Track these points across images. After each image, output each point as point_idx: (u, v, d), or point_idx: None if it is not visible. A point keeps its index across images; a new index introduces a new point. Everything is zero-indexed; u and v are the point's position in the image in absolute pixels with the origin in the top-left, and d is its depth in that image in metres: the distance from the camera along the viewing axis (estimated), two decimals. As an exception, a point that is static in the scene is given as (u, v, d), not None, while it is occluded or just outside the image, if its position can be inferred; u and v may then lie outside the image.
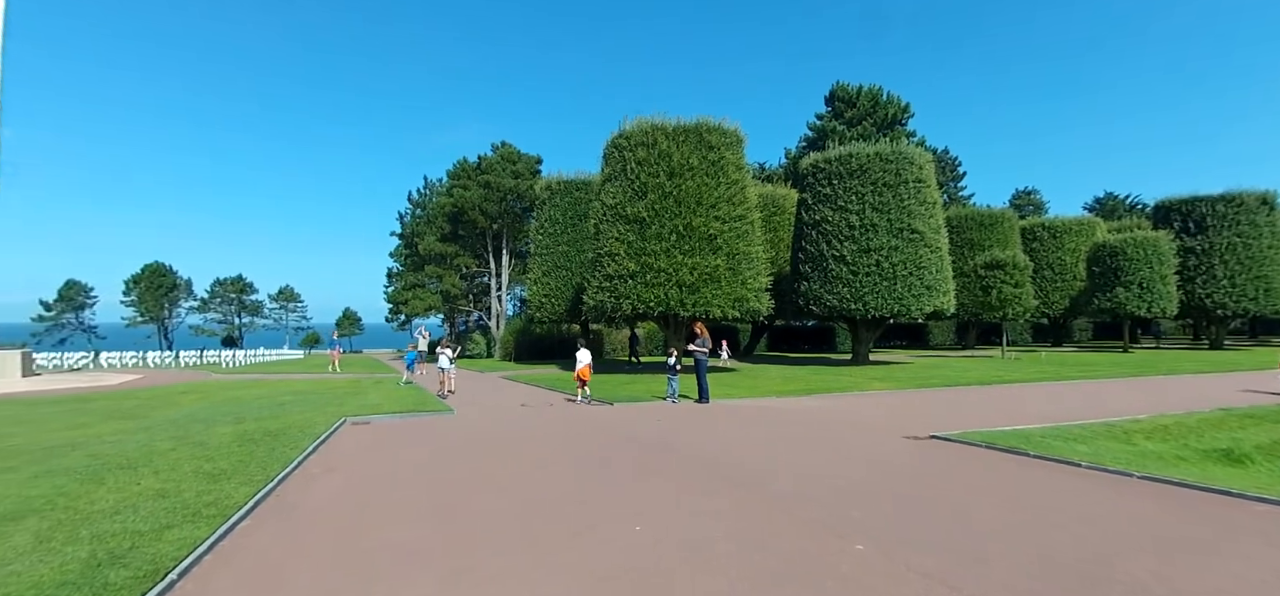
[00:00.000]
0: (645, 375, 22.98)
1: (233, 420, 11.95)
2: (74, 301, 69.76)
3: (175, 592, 4.29)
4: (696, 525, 5.70)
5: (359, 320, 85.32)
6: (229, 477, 7.28)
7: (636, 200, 22.37)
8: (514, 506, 6.42)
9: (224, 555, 5.04)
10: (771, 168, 58.85)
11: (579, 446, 9.86)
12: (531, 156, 47.14)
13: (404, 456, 9.20)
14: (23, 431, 10.92)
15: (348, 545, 5.31)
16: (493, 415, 13.74)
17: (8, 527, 5.42)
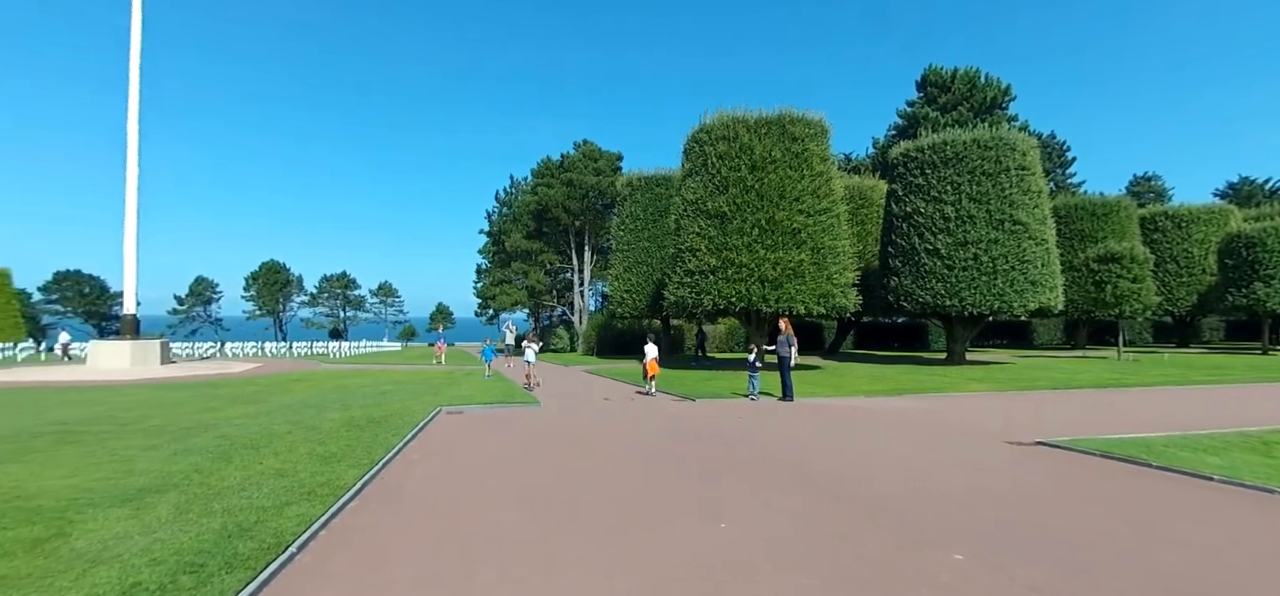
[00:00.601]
0: (726, 372, 22.80)
1: (340, 407, 12.81)
2: (202, 296, 76.97)
3: (295, 565, 4.66)
4: (782, 524, 5.61)
5: (450, 314, 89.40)
6: (339, 460, 7.82)
7: (717, 195, 22.20)
8: (601, 497, 6.54)
9: (337, 532, 5.43)
10: (858, 158, 56.76)
11: (662, 441, 9.91)
12: (612, 153, 47.74)
13: (495, 445, 9.57)
14: (162, 413, 12.15)
15: (447, 527, 5.58)
16: (577, 408, 14.04)
17: (153, 499, 6.05)
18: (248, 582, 4.15)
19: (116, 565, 4.38)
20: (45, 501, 5.91)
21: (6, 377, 20.95)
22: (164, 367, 25.20)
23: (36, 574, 4.22)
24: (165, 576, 4.19)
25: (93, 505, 5.81)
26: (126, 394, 15.73)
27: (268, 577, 4.31)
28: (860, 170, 46.27)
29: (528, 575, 4.51)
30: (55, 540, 4.88)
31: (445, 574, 4.55)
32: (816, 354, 33.96)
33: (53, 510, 5.63)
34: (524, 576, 4.49)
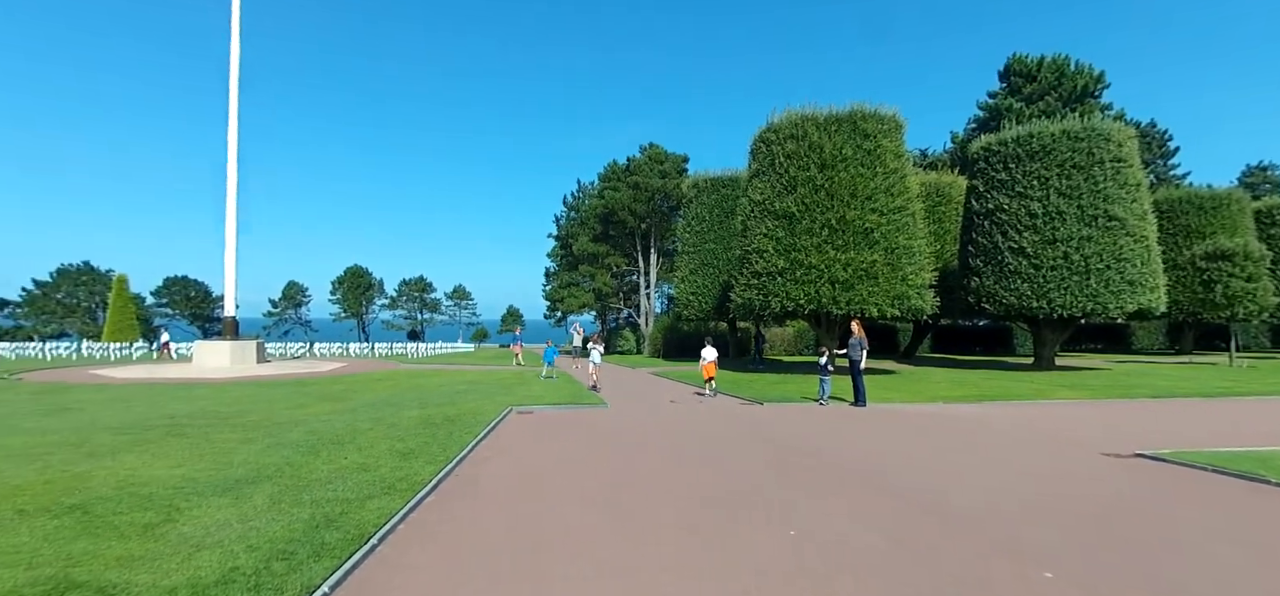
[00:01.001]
0: (795, 375, 22.34)
1: (418, 405, 13.33)
2: (294, 299, 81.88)
3: (376, 556, 4.87)
4: (854, 534, 5.42)
5: (521, 316, 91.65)
6: (417, 456, 8.13)
7: (785, 195, 21.78)
8: (668, 498, 6.52)
9: (415, 525, 5.64)
10: (935, 153, 54.39)
11: (730, 444, 9.80)
12: (678, 155, 47.71)
13: (564, 445, 9.71)
14: (258, 409, 12.99)
15: (518, 524, 5.70)
16: (644, 409, 14.07)
17: (249, 490, 6.46)
18: (333, 571, 4.36)
19: (218, 550, 4.69)
20: (156, 489, 6.41)
21: (123, 375, 22.93)
22: (259, 366, 26.95)
23: (148, 556, 4.58)
24: (260, 562, 4.46)
25: (197, 493, 6.26)
26: (227, 391, 16.91)
27: (351, 567, 4.53)
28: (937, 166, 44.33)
29: (596, 574, 4.54)
30: (165, 525, 5.28)
31: (516, 570, 4.64)
32: (891, 358, 32.78)
33: (163, 497, 6.10)
34: (592, 575, 4.52)
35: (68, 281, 65.92)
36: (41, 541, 4.83)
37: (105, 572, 4.24)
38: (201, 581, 4.12)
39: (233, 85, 27.74)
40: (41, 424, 10.78)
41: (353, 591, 4.24)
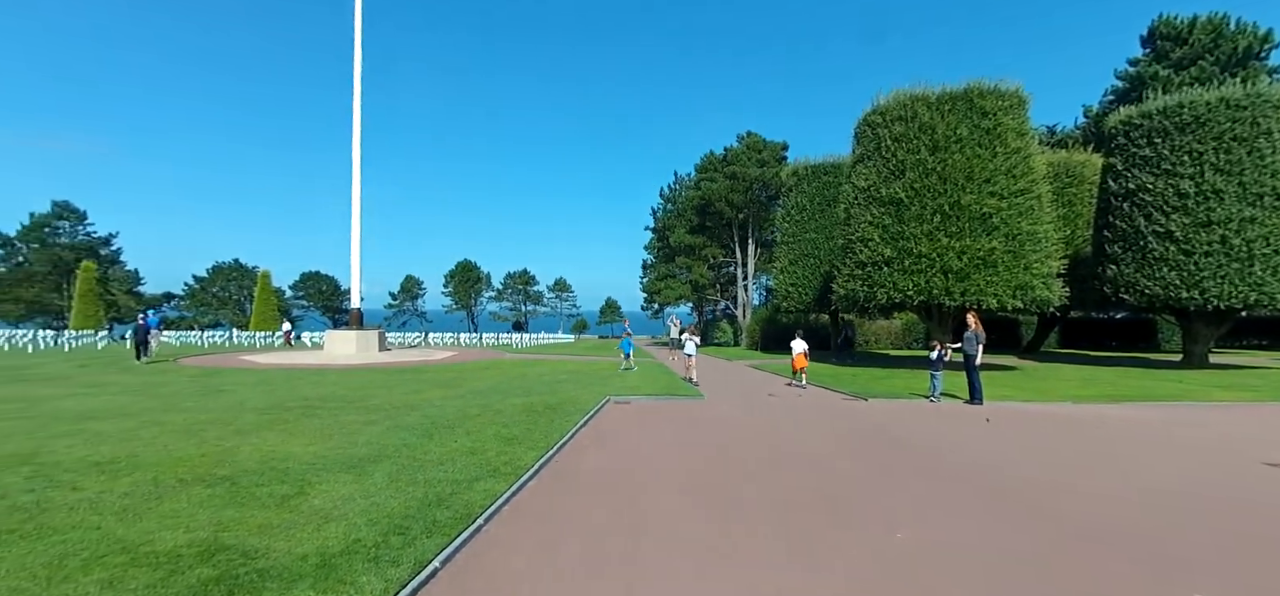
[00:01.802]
0: (903, 369, 21.24)
1: (521, 393, 13.85)
2: (411, 292, 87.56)
3: (482, 535, 5.09)
4: (965, 538, 5.05)
5: (618, 308, 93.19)
6: (520, 442, 8.43)
7: (893, 180, 20.70)
8: (766, 493, 6.37)
9: (518, 507, 5.85)
10: (1066, 130, 49.70)
11: (831, 440, 9.45)
12: (777, 143, 46.58)
13: (661, 435, 9.74)
14: (380, 394, 13.96)
15: (614, 511, 5.77)
16: (741, 402, 13.87)
17: (371, 467, 6.95)
18: (444, 547, 4.60)
19: (343, 522, 5.08)
20: (292, 464, 7.04)
21: (266, 360, 25.42)
22: (381, 354, 29.03)
23: (284, 525, 5.02)
24: (379, 535, 4.77)
25: (326, 470, 6.81)
26: (352, 376, 18.33)
27: (460, 544, 4.76)
28: (1068, 144, 40.44)
29: (692, 564, 4.50)
30: (298, 498, 5.78)
31: (613, 554, 4.69)
32: (1011, 353, 30.45)
33: (297, 472, 6.68)
34: (688, 565, 4.49)
35: (221, 277, 74.05)
36: (197, 508, 5.43)
37: (248, 539, 4.69)
38: (328, 551, 4.47)
39: (356, 96, 29.94)
40: (199, 403, 12.14)
41: (460, 567, 4.44)
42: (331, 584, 3.94)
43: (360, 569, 4.16)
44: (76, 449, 7.75)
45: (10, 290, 61.86)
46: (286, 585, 3.90)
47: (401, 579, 4.05)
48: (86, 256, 59.70)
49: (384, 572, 4.12)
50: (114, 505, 5.46)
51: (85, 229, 65.99)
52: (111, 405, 11.68)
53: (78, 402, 12.00)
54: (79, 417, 10.16)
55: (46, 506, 5.41)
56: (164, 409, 11.22)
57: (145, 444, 8.09)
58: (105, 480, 6.28)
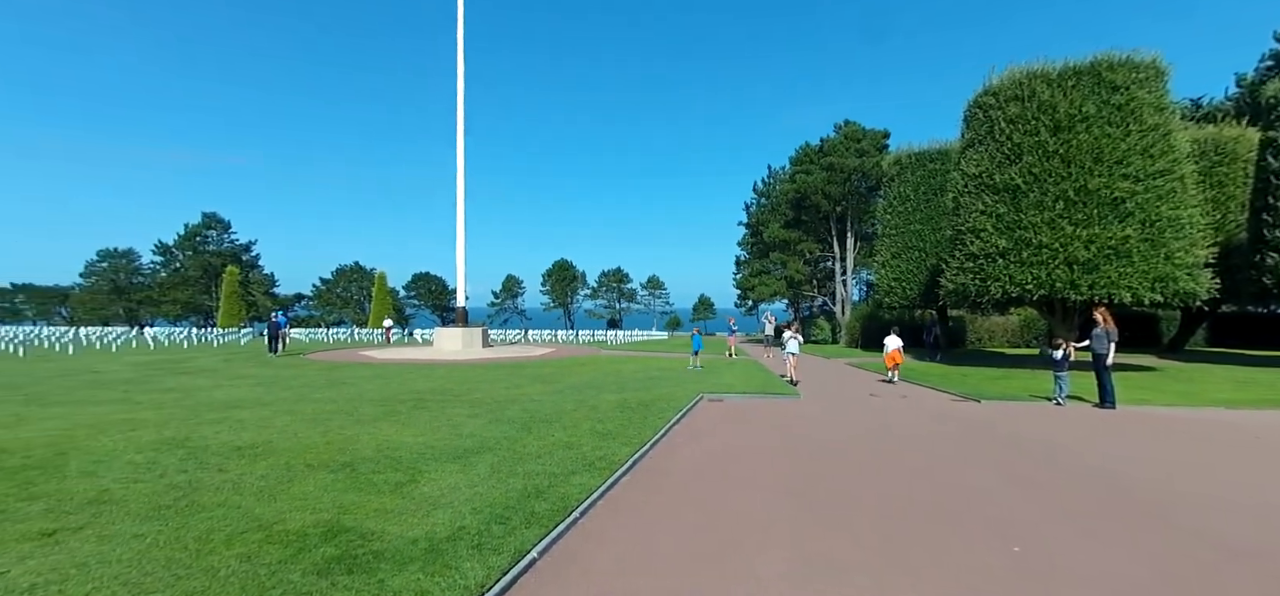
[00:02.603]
0: (1021, 369, 19.72)
1: (616, 390, 14.05)
2: (511, 291, 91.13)
3: (578, 527, 5.19)
4: (1095, 557, 4.59)
5: (711, 305, 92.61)
6: (614, 438, 8.55)
7: (1007, 165, 19.24)
8: (867, 499, 6.09)
9: (612, 502, 5.92)
10: (1214, 102, 44.24)
11: (938, 444, 8.92)
12: (877, 131, 44.50)
13: (756, 434, 9.56)
14: (483, 388, 14.61)
15: (708, 509, 5.72)
16: (839, 402, 13.38)
17: (475, 459, 7.27)
18: (542, 537, 4.73)
19: (449, 510, 5.34)
20: (404, 453, 7.49)
21: (382, 356, 27.26)
22: (484, 350, 30.38)
23: (397, 510, 5.34)
24: (482, 524, 4.98)
25: (435, 459, 7.19)
26: (458, 371, 19.30)
27: (557, 535, 4.88)
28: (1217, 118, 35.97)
29: (789, 569, 4.37)
30: (410, 485, 6.13)
31: (706, 552, 4.64)
32: (1150, 351, 27.55)
33: (409, 461, 7.10)
34: (785, 569, 4.36)
35: (344, 278, 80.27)
36: (321, 491, 5.88)
37: (366, 521, 5.03)
38: (436, 536, 4.71)
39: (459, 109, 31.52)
40: (325, 395, 13.19)
41: (557, 557, 4.55)
42: (438, 568, 4.14)
43: (464, 555, 4.36)
44: (222, 434, 8.62)
45: (169, 292, 70.10)
46: (398, 567, 4.15)
47: (502, 567, 4.20)
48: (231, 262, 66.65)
49: (486, 560, 4.28)
50: (252, 486, 6.02)
51: (230, 237, 73.59)
52: (251, 395, 12.92)
53: (223, 393, 13.36)
54: (225, 406, 11.31)
55: (197, 486, 6.05)
56: (295, 400, 12.28)
57: (279, 431, 8.88)
58: (245, 463, 6.94)
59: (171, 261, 72.32)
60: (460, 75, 31.59)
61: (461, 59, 31.61)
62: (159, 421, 9.63)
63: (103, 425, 9.23)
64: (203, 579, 3.94)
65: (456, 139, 31.67)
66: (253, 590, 3.79)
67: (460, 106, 31.64)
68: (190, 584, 3.87)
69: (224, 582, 3.89)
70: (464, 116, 31.77)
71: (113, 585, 3.85)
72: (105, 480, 6.22)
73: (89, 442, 8.00)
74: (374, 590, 3.82)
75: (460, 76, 31.60)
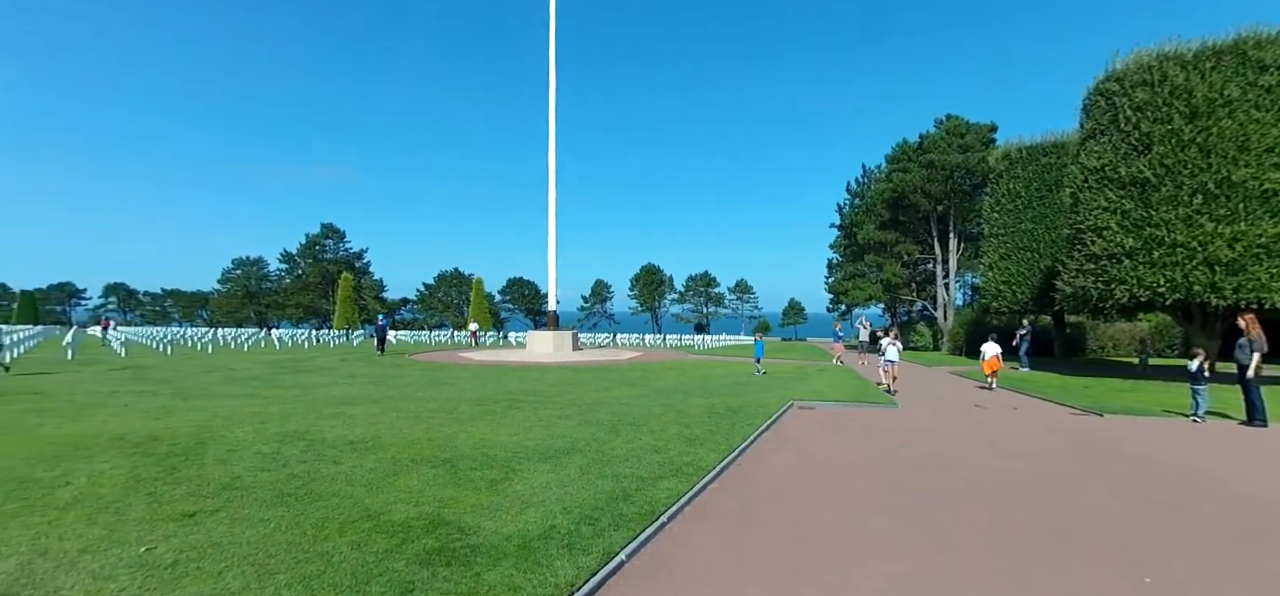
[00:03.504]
0: (1153, 381, 17.92)
1: (703, 394, 13.96)
2: (600, 296, 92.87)
3: (665, 532, 5.18)
4: (1245, 589, 4.07)
5: (802, 309, 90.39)
6: (702, 443, 8.49)
7: (1135, 157, 17.57)
8: (974, 518, 5.72)
9: (699, 508, 5.88)
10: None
11: (1055, 461, 8.25)
12: (983, 125, 41.84)
13: (850, 444, 9.22)
14: (573, 390, 14.94)
15: (801, 520, 5.56)
16: (941, 413, 12.67)
17: (565, 459, 7.43)
18: (629, 540, 4.76)
19: (541, 509, 5.48)
20: (499, 452, 7.77)
21: (479, 357, 28.48)
22: (574, 353, 31.11)
23: (491, 506, 5.54)
24: (572, 524, 5.07)
25: (527, 459, 7.41)
26: (550, 373, 19.84)
27: (645, 539, 4.89)
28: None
29: (888, 586, 4.17)
30: (504, 482, 6.35)
31: (800, 565, 4.51)
32: None
33: (503, 459, 7.36)
34: (884, 585, 4.17)
35: (445, 283, 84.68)
36: (424, 486, 6.20)
37: (464, 516, 5.26)
38: (528, 534, 4.84)
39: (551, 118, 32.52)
40: (427, 394, 13.93)
41: (646, 561, 4.56)
42: (530, 565, 4.25)
43: (555, 554, 4.45)
44: (337, 429, 9.28)
45: (293, 297, 76.53)
46: (493, 562, 4.30)
47: (591, 567, 4.26)
48: (345, 268, 71.87)
49: (576, 560, 4.36)
50: (363, 478, 6.44)
51: (344, 246, 79.43)
52: (361, 393, 13.84)
53: (338, 390, 14.39)
54: (339, 403, 12.18)
55: (314, 476, 6.54)
56: (401, 398, 13.04)
57: (386, 427, 9.46)
58: (357, 457, 7.44)
59: (294, 268, 78.98)
60: (552, 87, 32.59)
61: (553, 72, 32.60)
62: (283, 415, 10.50)
63: (236, 417, 10.17)
64: (319, 563, 4.25)
65: (548, 149, 32.66)
66: (362, 576, 4.04)
67: (552, 117, 32.64)
68: (308, 567, 4.18)
69: (337, 567, 4.17)
70: (555, 127, 32.76)
71: (242, 565, 4.22)
72: (237, 468, 6.84)
73: (224, 433, 8.83)
74: (470, 583, 3.98)
75: (552, 88, 32.60)
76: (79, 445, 7.91)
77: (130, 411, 10.69)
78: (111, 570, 4.12)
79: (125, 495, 5.78)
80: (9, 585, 3.91)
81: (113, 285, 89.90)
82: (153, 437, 8.44)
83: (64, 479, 6.30)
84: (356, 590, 3.86)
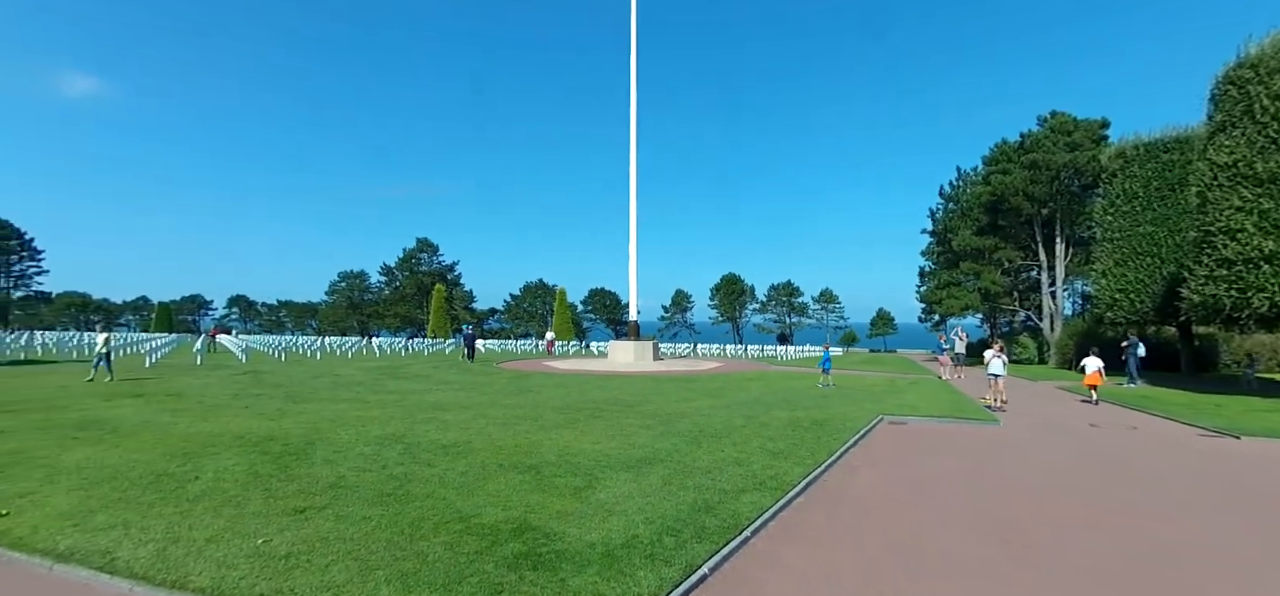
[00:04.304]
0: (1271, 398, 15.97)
1: (786, 407, 13.65)
2: (681, 305, 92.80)
3: (749, 547, 5.10)
4: None
5: (892, 320, 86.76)
6: (786, 457, 8.29)
7: (1273, 151, 15.79)
8: (1089, 554, 5.28)
9: (784, 524, 5.74)
10: None
11: (1177, 488, 7.50)
12: (1093, 121, 38.77)
13: (945, 463, 8.75)
14: (654, 400, 14.98)
15: (894, 542, 5.32)
16: (1049, 431, 11.80)
17: (647, 469, 7.46)
18: (712, 554, 4.71)
19: (623, 518, 5.52)
20: (582, 460, 7.90)
21: (563, 366, 29.12)
22: (655, 363, 31.23)
23: (576, 513, 5.64)
24: (654, 534, 5.08)
25: (609, 467, 7.49)
26: (631, 383, 20.00)
27: (728, 553, 4.83)
28: None
29: (989, 618, 3.92)
30: (587, 490, 6.45)
31: (888, 588, 4.31)
32: None
33: (586, 467, 7.48)
34: (985, 618, 3.91)
35: (530, 294, 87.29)
36: (511, 490, 6.39)
37: (549, 522, 5.37)
38: (611, 542, 4.89)
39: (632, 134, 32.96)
40: (514, 401, 14.37)
41: (728, 576, 4.50)
42: (614, 573, 4.29)
43: (638, 563, 4.47)
44: (431, 433, 9.74)
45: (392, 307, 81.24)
46: (578, 568, 4.37)
47: (673, 579, 4.25)
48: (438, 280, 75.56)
49: (658, 570, 4.36)
50: (454, 481, 6.72)
51: (437, 259, 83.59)
52: (453, 399, 14.45)
53: (433, 396, 15.10)
54: (433, 408, 12.78)
55: (411, 478, 6.88)
56: (489, 404, 13.52)
57: (476, 433, 9.83)
58: (449, 460, 7.77)
59: (392, 280, 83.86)
60: (633, 105, 33.03)
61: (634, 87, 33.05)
62: (382, 419, 11.13)
63: (342, 420, 10.88)
64: (414, 561, 4.46)
65: (629, 161, 33.09)
66: (454, 576, 4.21)
67: (633, 132, 33.06)
68: (405, 565, 4.40)
69: (432, 566, 4.37)
70: (635, 140, 33.14)
71: (346, 559, 4.49)
72: (342, 468, 7.31)
73: (331, 435, 9.46)
74: (556, 588, 4.06)
75: (633, 106, 33.04)
76: (206, 443, 8.70)
77: (250, 413, 11.65)
78: (233, 559, 4.50)
79: (245, 490, 6.30)
80: (147, 568, 4.34)
81: (235, 297, 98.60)
82: (269, 437, 9.16)
83: (194, 473, 6.95)
84: (449, 589, 4.02)
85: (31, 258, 76.42)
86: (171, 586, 4.10)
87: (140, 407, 12.20)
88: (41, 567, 4.49)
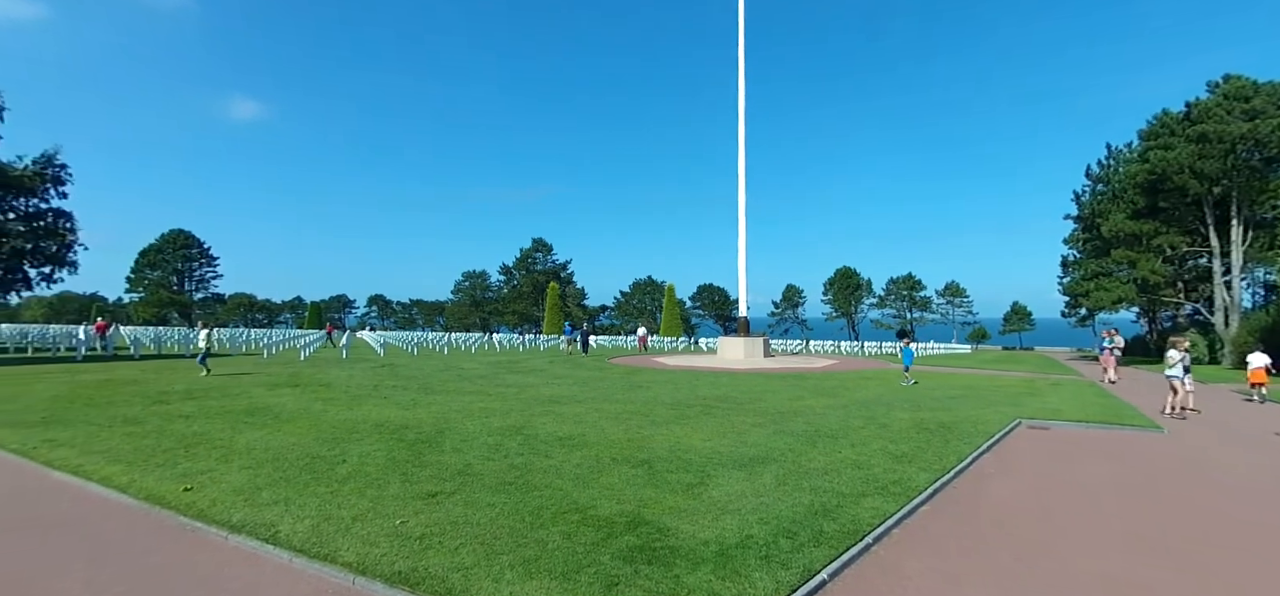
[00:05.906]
0: None
1: (910, 408, 12.90)
2: (792, 301, 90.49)
3: (871, 555, 4.86)
4: None
5: (1028, 315, 79.79)
6: (910, 461, 7.83)
7: None
8: (1251, 572, 4.57)
9: (909, 532, 5.42)
10: None
11: None
12: (1278, 85, 33.42)
13: (1096, 473, 7.90)
14: (765, 398, 14.69)
15: (1033, 557, 4.88)
16: (1225, 439, 10.34)
17: (759, 469, 7.32)
18: (831, 560, 4.53)
19: (737, 517, 5.44)
20: (693, 457, 7.88)
21: (673, 362, 29.27)
22: (765, 360, 30.62)
23: (688, 510, 5.63)
24: (770, 536, 4.97)
25: (721, 465, 7.42)
26: (741, 379, 19.74)
27: (847, 560, 4.62)
28: None
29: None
30: (699, 487, 6.42)
31: (1035, 613, 3.95)
32: None
33: (698, 464, 7.45)
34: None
35: (639, 291, 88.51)
36: (625, 484, 6.50)
37: (662, 517, 5.40)
38: (725, 541, 4.84)
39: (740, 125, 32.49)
40: (626, 396, 14.62)
41: (849, 584, 4.31)
42: (729, 573, 4.24)
43: (753, 564, 4.39)
44: (548, 425, 10.12)
45: (509, 305, 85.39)
46: (692, 566, 4.35)
47: (791, 583, 4.12)
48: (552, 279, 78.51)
49: (774, 573, 4.25)
50: (571, 473, 6.93)
51: (551, 258, 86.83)
52: (568, 393, 14.93)
53: (549, 390, 15.69)
54: (550, 401, 13.27)
55: (530, 469, 7.18)
56: (601, 399, 13.85)
57: (590, 426, 10.09)
58: (565, 452, 8.03)
59: (511, 279, 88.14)
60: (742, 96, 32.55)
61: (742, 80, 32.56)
62: (504, 410, 11.70)
63: (467, 412, 11.56)
64: (535, 548, 4.64)
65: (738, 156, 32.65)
66: (572, 565, 4.33)
67: (742, 125, 32.60)
68: (526, 551, 4.59)
69: (551, 554, 4.52)
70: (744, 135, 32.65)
71: (473, 544, 4.76)
72: (469, 456, 7.76)
73: (458, 424, 10.08)
74: (671, 584, 4.07)
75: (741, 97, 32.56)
76: (351, 429, 9.55)
77: (388, 403, 12.67)
78: (375, 537, 4.89)
79: (385, 474, 6.84)
80: (304, 543, 4.82)
81: (374, 296, 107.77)
82: (404, 426, 9.90)
83: (341, 457, 7.65)
84: (567, 578, 4.14)
85: (209, 263, 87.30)
86: (324, 560, 4.52)
87: (297, 397, 13.61)
88: (219, 537, 5.12)
